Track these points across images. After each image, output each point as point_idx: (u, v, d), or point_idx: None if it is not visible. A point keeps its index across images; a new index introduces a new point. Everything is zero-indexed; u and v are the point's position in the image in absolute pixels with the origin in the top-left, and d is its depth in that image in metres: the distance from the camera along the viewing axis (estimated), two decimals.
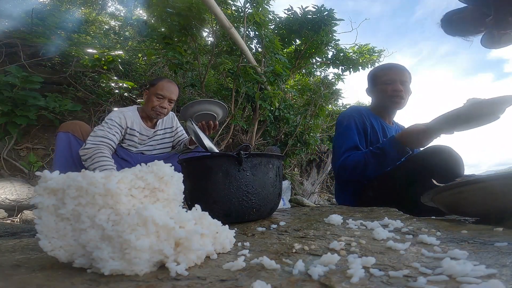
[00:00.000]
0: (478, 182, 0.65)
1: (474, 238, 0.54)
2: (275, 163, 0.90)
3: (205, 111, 1.63)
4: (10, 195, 2.23)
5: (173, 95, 1.67)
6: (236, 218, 0.82)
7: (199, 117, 1.66)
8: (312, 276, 0.39)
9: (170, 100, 1.66)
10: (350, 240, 0.56)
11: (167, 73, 4.32)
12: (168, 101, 1.66)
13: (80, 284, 0.40)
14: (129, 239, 0.42)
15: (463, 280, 0.34)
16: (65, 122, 1.53)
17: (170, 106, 1.69)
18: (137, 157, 1.71)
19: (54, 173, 0.49)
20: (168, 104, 1.66)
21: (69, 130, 1.46)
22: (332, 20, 4.15)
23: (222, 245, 0.54)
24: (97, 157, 1.38)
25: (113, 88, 3.30)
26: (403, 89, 1.44)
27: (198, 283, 0.39)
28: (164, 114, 1.67)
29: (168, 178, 0.55)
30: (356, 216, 0.82)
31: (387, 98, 1.47)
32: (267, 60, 3.49)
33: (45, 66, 3.38)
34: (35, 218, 0.48)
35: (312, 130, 4.33)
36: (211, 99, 1.65)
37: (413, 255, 0.46)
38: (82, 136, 1.48)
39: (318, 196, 4.81)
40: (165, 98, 1.64)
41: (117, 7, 6.23)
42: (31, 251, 0.63)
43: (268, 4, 3.60)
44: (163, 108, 1.64)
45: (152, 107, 1.63)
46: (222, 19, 2.62)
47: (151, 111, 1.64)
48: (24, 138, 2.88)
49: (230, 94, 3.48)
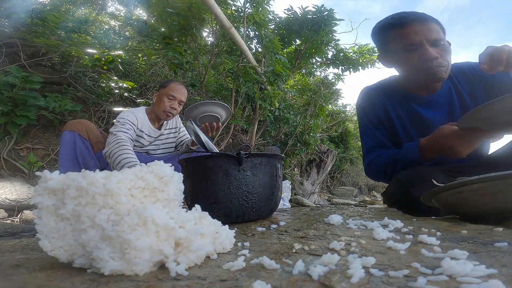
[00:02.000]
0: (478, 182, 0.65)
1: (474, 238, 0.53)
2: (275, 163, 0.90)
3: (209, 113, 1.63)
4: (10, 195, 2.23)
5: (183, 97, 1.72)
6: (236, 218, 0.82)
7: (203, 119, 1.67)
8: (312, 276, 0.39)
9: (180, 102, 1.71)
10: (350, 240, 0.56)
11: (167, 73, 4.32)
12: (178, 103, 1.69)
13: (80, 284, 0.40)
14: (129, 239, 0.42)
15: (463, 280, 0.34)
16: (71, 121, 1.52)
17: (180, 107, 1.72)
18: (141, 157, 1.72)
19: (54, 173, 0.49)
20: (178, 106, 1.70)
21: (75, 129, 1.45)
22: (332, 20, 4.15)
23: (222, 245, 0.54)
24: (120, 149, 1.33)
25: (113, 88, 3.30)
26: (439, 53, 0.96)
27: (198, 283, 0.39)
28: (173, 115, 1.70)
29: (168, 178, 0.55)
30: (356, 216, 0.82)
31: (417, 72, 1.00)
32: (267, 60, 3.49)
33: (45, 66, 3.38)
34: (35, 218, 0.48)
35: (312, 130, 4.33)
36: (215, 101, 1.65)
37: (413, 255, 0.46)
38: (88, 135, 1.48)
39: (318, 196, 4.82)
40: (176, 100, 1.68)
41: (117, 7, 6.24)
42: (31, 251, 0.63)
43: (268, 4, 3.60)
44: (173, 109, 1.67)
45: (163, 108, 1.66)
46: (222, 19, 2.62)
47: (162, 112, 1.67)
48: (24, 138, 2.88)
49: (230, 94, 3.48)
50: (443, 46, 0.98)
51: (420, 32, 0.96)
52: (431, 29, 0.96)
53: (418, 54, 0.97)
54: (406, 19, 0.99)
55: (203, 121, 1.69)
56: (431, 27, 0.97)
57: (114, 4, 6.26)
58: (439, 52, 0.96)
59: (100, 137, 1.55)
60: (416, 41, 0.97)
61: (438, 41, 0.96)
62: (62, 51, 3.32)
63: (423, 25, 0.97)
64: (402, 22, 0.99)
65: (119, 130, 1.44)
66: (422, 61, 0.97)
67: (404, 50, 0.99)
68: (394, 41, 1.01)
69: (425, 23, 0.97)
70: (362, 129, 1.18)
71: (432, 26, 0.97)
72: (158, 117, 1.71)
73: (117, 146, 1.34)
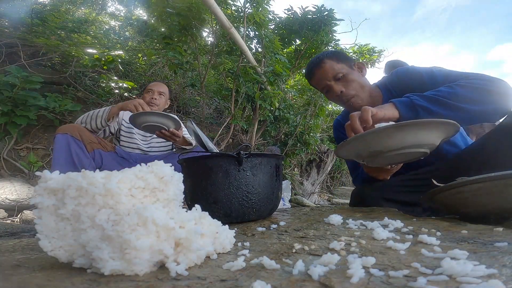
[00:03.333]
0: (478, 182, 0.65)
1: (474, 238, 0.53)
2: (275, 163, 0.90)
3: (154, 123, 1.53)
4: (10, 195, 2.23)
5: (161, 88, 1.88)
6: (236, 218, 0.82)
7: (148, 128, 1.57)
8: (312, 276, 0.39)
9: (160, 93, 1.86)
10: (350, 240, 0.56)
11: (167, 73, 4.32)
12: (158, 94, 1.85)
13: (80, 284, 0.40)
14: (129, 239, 0.42)
15: (463, 280, 0.34)
16: (63, 125, 1.55)
17: (161, 98, 1.87)
18: (137, 157, 1.74)
19: (54, 173, 0.49)
20: (158, 96, 1.85)
21: (67, 131, 1.47)
22: (332, 20, 4.14)
23: (222, 245, 0.54)
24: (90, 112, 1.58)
25: (113, 88, 3.30)
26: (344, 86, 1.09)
27: (198, 283, 0.39)
28: (156, 105, 1.83)
29: (168, 178, 0.55)
30: (356, 216, 0.82)
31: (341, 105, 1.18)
32: (267, 60, 3.49)
33: (45, 66, 3.38)
34: (35, 218, 0.48)
35: (312, 130, 4.33)
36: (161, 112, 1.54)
37: (413, 255, 0.46)
38: (81, 137, 1.49)
39: (318, 196, 4.81)
40: (154, 92, 1.85)
41: (117, 7, 6.23)
42: (31, 251, 0.63)
43: (268, 4, 3.60)
44: (153, 99, 1.83)
45: (146, 102, 1.79)
46: (222, 19, 2.62)
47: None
48: (24, 138, 2.88)
49: (230, 94, 3.48)
50: (343, 77, 1.09)
51: (321, 77, 1.12)
52: (327, 70, 1.10)
53: (330, 94, 1.13)
54: (309, 72, 1.17)
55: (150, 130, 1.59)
56: (326, 68, 1.10)
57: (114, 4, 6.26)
58: (343, 84, 1.09)
59: (93, 138, 1.57)
60: (321, 86, 1.14)
61: (337, 75, 1.09)
62: (62, 51, 3.32)
63: (320, 69, 1.11)
64: (309, 76, 1.18)
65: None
66: (335, 99, 1.13)
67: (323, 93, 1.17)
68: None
69: (322, 66, 1.11)
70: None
71: (327, 66, 1.10)
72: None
73: (85, 114, 1.59)
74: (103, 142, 1.64)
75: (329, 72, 1.10)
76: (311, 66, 1.15)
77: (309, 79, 1.20)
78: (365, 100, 1.10)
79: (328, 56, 1.12)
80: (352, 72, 1.11)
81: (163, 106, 1.90)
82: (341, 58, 1.13)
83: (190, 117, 4.11)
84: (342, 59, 1.13)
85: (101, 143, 1.62)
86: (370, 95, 1.12)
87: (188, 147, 1.71)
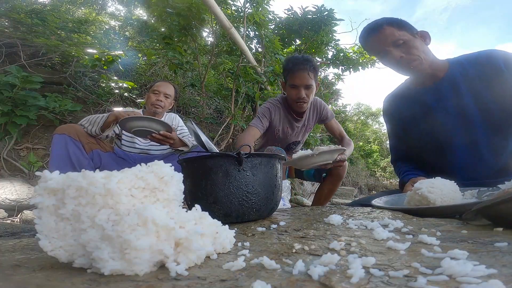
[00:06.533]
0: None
1: (474, 238, 0.53)
2: (275, 163, 0.90)
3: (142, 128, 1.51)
4: (10, 195, 2.23)
5: (168, 90, 1.85)
6: (236, 218, 0.82)
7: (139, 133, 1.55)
8: (312, 276, 0.39)
9: (166, 95, 1.83)
10: (350, 240, 0.56)
11: (167, 73, 4.32)
12: (164, 96, 1.82)
13: (80, 284, 0.40)
14: (129, 239, 0.42)
15: (463, 280, 0.34)
16: (61, 126, 1.55)
17: (167, 100, 1.85)
18: (136, 157, 1.74)
19: (54, 173, 0.49)
20: (164, 98, 1.82)
21: (65, 132, 1.47)
22: (332, 20, 4.15)
23: (222, 245, 0.54)
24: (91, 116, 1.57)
25: (113, 88, 3.30)
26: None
27: (198, 283, 0.39)
28: (161, 107, 1.82)
29: (168, 178, 0.55)
30: (356, 216, 0.82)
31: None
32: (267, 60, 3.50)
33: (45, 66, 3.38)
34: (35, 218, 0.47)
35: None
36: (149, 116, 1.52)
37: (413, 255, 0.46)
38: (79, 138, 1.50)
39: None
40: (160, 93, 1.82)
41: (117, 7, 6.24)
42: (31, 251, 0.63)
43: (268, 4, 3.60)
44: (159, 101, 1.80)
45: (151, 103, 1.80)
46: (222, 19, 2.62)
47: (150, 106, 1.81)
48: (24, 138, 2.88)
49: (230, 94, 3.48)
50: (404, 43, 1.09)
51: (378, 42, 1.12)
52: (386, 36, 1.10)
53: (388, 59, 1.14)
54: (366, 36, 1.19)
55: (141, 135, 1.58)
56: (386, 33, 1.11)
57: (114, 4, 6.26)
58: (403, 50, 1.08)
59: (91, 138, 1.57)
60: (377, 51, 1.15)
61: (397, 42, 1.09)
62: (62, 51, 3.32)
63: (379, 34, 1.12)
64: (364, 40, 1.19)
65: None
66: (393, 63, 1.13)
67: (378, 57, 1.18)
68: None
69: (380, 31, 1.12)
70: (387, 133, 1.43)
71: (387, 32, 1.11)
72: (150, 114, 1.81)
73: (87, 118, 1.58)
74: (102, 142, 1.65)
75: (388, 38, 1.07)
76: (369, 31, 1.12)
77: (363, 42, 1.17)
78: (426, 66, 1.08)
79: (388, 22, 1.09)
80: (414, 40, 1.08)
81: (168, 107, 1.89)
82: (403, 25, 1.09)
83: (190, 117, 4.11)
84: (404, 26, 1.09)
85: (100, 144, 1.62)
86: (431, 64, 1.10)
87: (185, 148, 1.70)
